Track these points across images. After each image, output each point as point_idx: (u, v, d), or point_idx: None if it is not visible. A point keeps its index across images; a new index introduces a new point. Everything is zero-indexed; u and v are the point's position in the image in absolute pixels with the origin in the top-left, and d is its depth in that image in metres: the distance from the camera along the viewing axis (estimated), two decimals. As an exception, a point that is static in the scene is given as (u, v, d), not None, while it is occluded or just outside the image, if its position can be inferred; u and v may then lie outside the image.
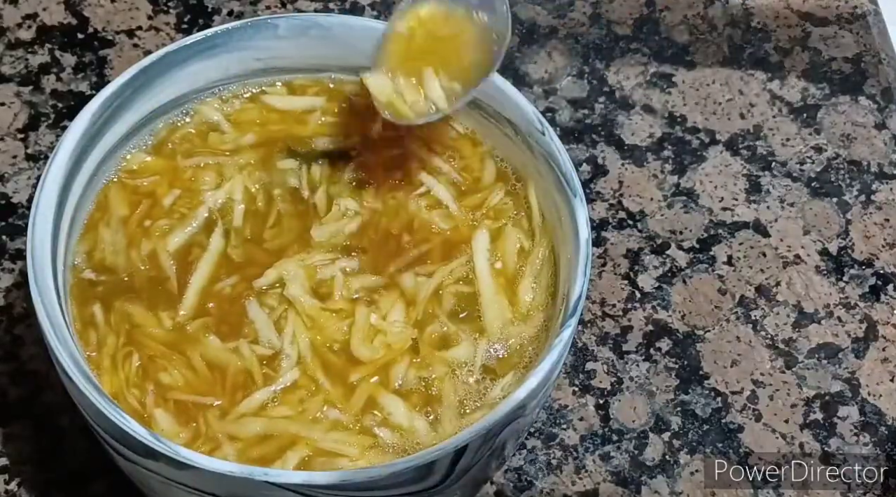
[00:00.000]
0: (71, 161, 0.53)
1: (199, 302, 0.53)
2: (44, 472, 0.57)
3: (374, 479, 0.45)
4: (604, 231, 0.67)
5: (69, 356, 0.47)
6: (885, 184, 0.70)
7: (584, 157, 0.70)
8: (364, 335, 0.53)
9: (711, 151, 0.71)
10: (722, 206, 0.68)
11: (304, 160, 0.58)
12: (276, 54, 0.59)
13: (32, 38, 0.73)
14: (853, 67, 0.75)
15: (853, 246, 0.67)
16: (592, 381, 0.62)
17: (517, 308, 0.54)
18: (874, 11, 0.77)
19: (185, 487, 0.47)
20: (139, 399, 0.51)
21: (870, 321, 0.65)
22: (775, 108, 0.73)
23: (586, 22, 0.76)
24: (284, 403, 0.51)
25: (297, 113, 0.60)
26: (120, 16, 0.74)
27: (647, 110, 0.72)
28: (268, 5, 0.75)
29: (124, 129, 0.56)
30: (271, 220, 0.56)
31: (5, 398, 0.59)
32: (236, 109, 0.59)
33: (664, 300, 0.65)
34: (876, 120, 0.72)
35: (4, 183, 0.67)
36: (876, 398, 0.62)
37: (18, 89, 0.70)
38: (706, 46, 0.75)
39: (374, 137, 0.59)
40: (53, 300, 0.49)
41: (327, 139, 0.59)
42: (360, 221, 0.56)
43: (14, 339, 0.61)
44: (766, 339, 0.64)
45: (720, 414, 0.61)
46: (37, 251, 0.50)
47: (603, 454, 0.60)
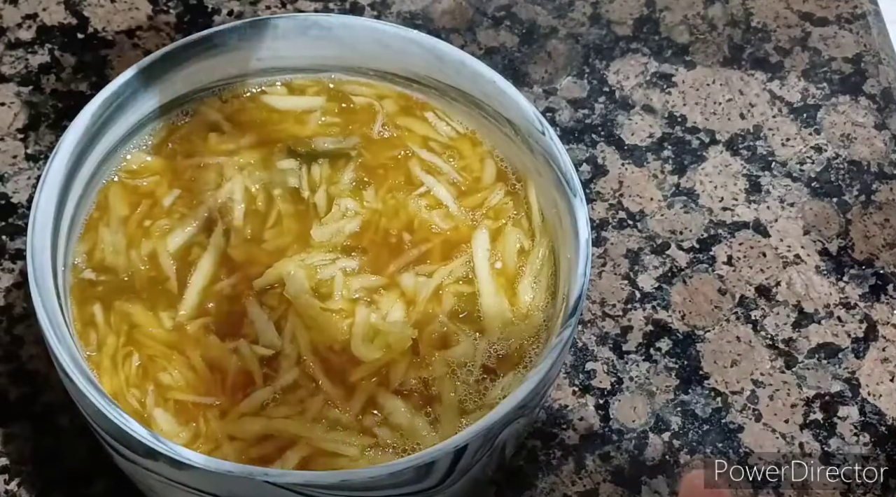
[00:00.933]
0: (71, 161, 0.53)
1: (199, 302, 0.53)
2: (44, 472, 0.57)
3: (374, 479, 0.45)
4: (604, 231, 0.67)
5: (69, 356, 0.47)
6: (885, 184, 0.70)
7: (584, 157, 0.70)
8: (364, 335, 0.53)
9: (711, 151, 0.71)
10: (722, 206, 0.68)
11: (304, 160, 0.58)
12: (276, 54, 0.59)
13: (32, 38, 0.73)
14: (853, 67, 0.75)
15: (853, 246, 0.67)
16: (592, 381, 0.62)
17: (517, 308, 0.54)
18: (874, 11, 0.77)
19: (185, 487, 0.47)
20: (139, 399, 0.51)
21: (870, 321, 0.65)
22: (775, 108, 0.73)
23: (586, 22, 0.76)
24: (284, 403, 0.51)
25: (297, 113, 0.60)
26: (120, 16, 0.74)
27: (647, 110, 0.72)
28: (268, 5, 0.75)
29: (124, 129, 0.56)
30: (271, 221, 0.56)
31: (5, 398, 0.59)
32: (236, 109, 0.59)
33: (664, 300, 0.65)
34: (876, 120, 0.72)
35: (4, 183, 0.67)
36: (876, 398, 0.62)
37: (18, 89, 0.70)
38: (706, 46, 0.75)
39: (374, 137, 0.59)
40: (53, 300, 0.49)
41: (327, 139, 0.59)
42: (359, 221, 0.56)
43: (14, 339, 0.61)
44: (766, 339, 0.64)
45: (720, 414, 0.61)
46: (37, 251, 0.50)
47: (603, 454, 0.60)
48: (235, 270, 0.54)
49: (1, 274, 0.63)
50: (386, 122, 0.59)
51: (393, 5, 0.75)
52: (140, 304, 0.53)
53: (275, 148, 0.58)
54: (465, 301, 0.54)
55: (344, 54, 0.59)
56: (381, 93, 0.60)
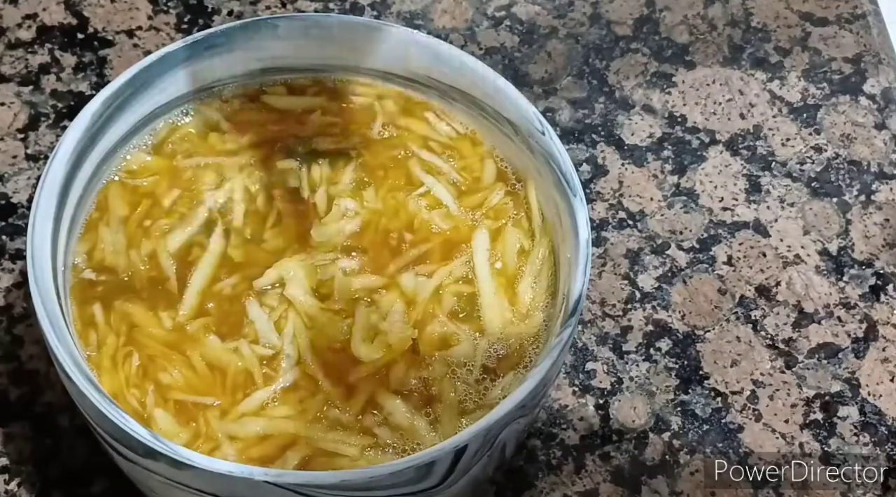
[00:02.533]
0: (71, 161, 0.53)
1: (199, 302, 0.53)
2: (44, 472, 0.57)
3: (374, 479, 0.45)
4: (604, 231, 0.67)
5: (69, 356, 0.47)
6: (885, 184, 0.70)
7: (584, 157, 0.70)
8: (364, 335, 0.53)
9: (711, 151, 0.71)
10: (722, 206, 0.68)
11: (304, 160, 0.58)
12: (276, 54, 0.59)
13: (32, 38, 0.73)
14: (853, 67, 0.75)
15: (853, 246, 0.67)
16: (592, 381, 0.62)
17: (517, 308, 0.54)
18: (874, 11, 0.77)
19: (185, 487, 0.47)
20: (139, 399, 0.51)
21: (870, 321, 0.65)
22: (775, 108, 0.73)
23: (586, 22, 0.76)
24: (284, 403, 0.51)
25: (297, 113, 0.60)
26: (120, 16, 0.74)
27: (647, 110, 0.72)
28: (268, 5, 0.75)
29: (124, 129, 0.56)
30: (271, 221, 0.56)
31: (5, 398, 0.59)
32: (236, 109, 0.59)
33: (664, 300, 0.65)
34: (876, 120, 0.72)
35: (4, 183, 0.67)
36: (876, 398, 0.62)
37: (18, 89, 0.70)
38: (706, 46, 0.75)
39: (373, 137, 0.59)
40: (53, 300, 0.49)
41: (327, 139, 0.59)
42: (359, 221, 0.56)
43: (14, 339, 0.61)
44: (766, 339, 0.64)
45: (720, 414, 0.61)
46: (37, 251, 0.50)
47: (603, 454, 0.60)
48: (236, 270, 0.54)
49: (1, 274, 0.63)
50: (386, 122, 0.59)
51: (393, 5, 0.75)
52: (140, 305, 0.53)
53: (275, 148, 0.58)
54: (465, 301, 0.54)
55: (344, 54, 0.59)
56: (382, 93, 0.60)
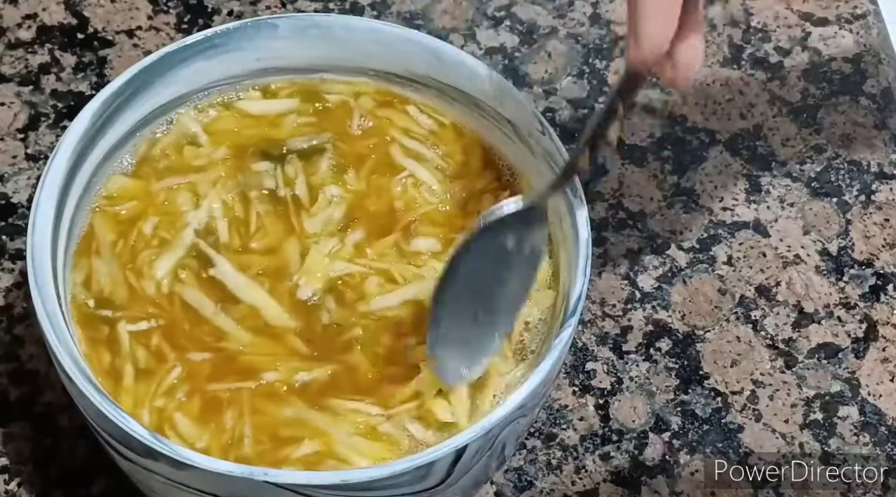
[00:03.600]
0: (71, 161, 0.53)
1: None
2: (44, 472, 0.57)
3: (374, 479, 0.45)
4: (604, 231, 0.67)
5: (69, 356, 0.47)
6: (885, 184, 0.70)
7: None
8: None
9: (711, 151, 0.71)
10: (722, 206, 0.68)
11: (278, 161, 0.57)
12: (276, 54, 0.59)
13: (32, 38, 0.73)
14: (853, 67, 0.75)
15: (853, 246, 0.67)
16: (592, 381, 0.62)
17: (517, 308, 0.54)
18: (874, 11, 0.77)
19: (185, 487, 0.47)
20: (161, 407, 0.51)
21: (870, 321, 0.65)
22: (775, 108, 0.73)
23: (586, 22, 0.76)
24: (307, 394, 0.51)
25: (272, 117, 0.59)
26: (120, 16, 0.74)
27: (647, 110, 0.72)
28: (268, 5, 0.75)
29: (124, 129, 0.56)
30: (253, 225, 0.56)
31: (5, 398, 0.59)
32: (212, 118, 0.59)
33: (664, 300, 0.65)
34: (876, 120, 0.72)
35: (4, 183, 0.67)
36: (876, 398, 0.62)
37: (18, 89, 0.70)
38: (706, 46, 0.75)
39: (351, 133, 0.59)
40: (53, 300, 0.49)
41: (301, 138, 0.58)
42: (345, 206, 0.56)
43: (14, 339, 0.61)
44: (766, 339, 0.64)
45: (720, 414, 0.61)
46: (37, 251, 0.50)
47: (603, 454, 0.60)
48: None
49: (1, 274, 0.63)
50: (364, 115, 0.59)
51: (393, 5, 0.75)
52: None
53: (248, 152, 0.58)
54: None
55: (344, 54, 0.59)
56: (382, 92, 0.60)
